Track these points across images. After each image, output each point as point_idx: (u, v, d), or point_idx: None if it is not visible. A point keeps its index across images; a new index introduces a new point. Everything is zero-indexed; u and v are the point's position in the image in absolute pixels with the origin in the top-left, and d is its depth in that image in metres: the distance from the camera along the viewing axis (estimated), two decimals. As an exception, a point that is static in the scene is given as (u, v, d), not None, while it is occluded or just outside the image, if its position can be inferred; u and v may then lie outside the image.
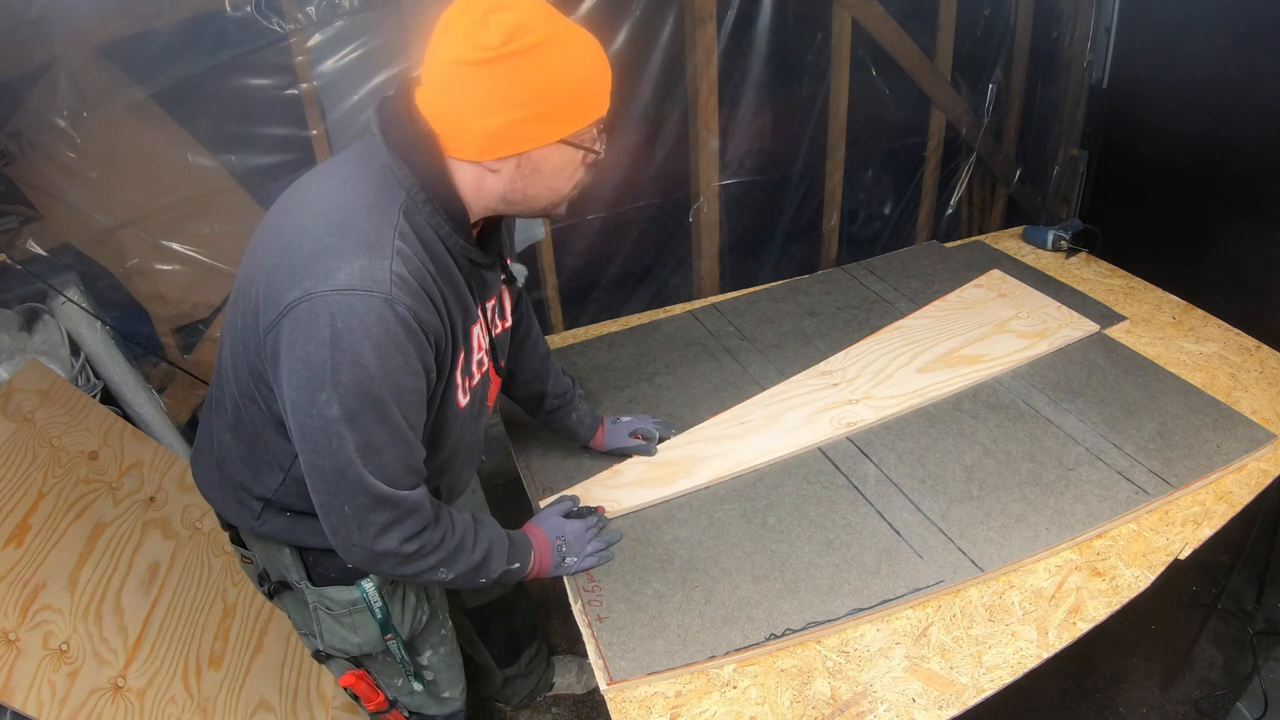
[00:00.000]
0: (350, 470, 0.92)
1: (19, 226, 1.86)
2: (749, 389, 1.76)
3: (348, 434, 0.90)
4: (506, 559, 1.18)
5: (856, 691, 1.14)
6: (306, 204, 0.96)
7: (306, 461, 0.95)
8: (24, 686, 1.28)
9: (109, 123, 1.86)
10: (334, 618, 1.21)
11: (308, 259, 0.89)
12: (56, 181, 1.86)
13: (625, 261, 2.65)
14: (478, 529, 1.14)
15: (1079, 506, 1.41)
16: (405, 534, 0.99)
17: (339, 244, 0.89)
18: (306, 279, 0.88)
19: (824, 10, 2.48)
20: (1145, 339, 1.90)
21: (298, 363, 0.88)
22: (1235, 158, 2.26)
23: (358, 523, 0.96)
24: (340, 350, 0.87)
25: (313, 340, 0.87)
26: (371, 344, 0.87)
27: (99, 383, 1.95)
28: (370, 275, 0.87)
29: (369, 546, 0.98)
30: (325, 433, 0.90)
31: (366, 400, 0.90)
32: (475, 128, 0.92)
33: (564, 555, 1.30)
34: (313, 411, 0.90)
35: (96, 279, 1.99)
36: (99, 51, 1.81)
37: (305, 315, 0.87)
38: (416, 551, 1.02)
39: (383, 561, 1.01)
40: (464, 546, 1.09)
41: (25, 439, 1.59)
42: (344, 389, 0.88)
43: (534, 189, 0.99)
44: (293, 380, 0.90)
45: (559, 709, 1.99)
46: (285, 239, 0.93)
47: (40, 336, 1.83)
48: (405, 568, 1.03)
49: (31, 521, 1.49)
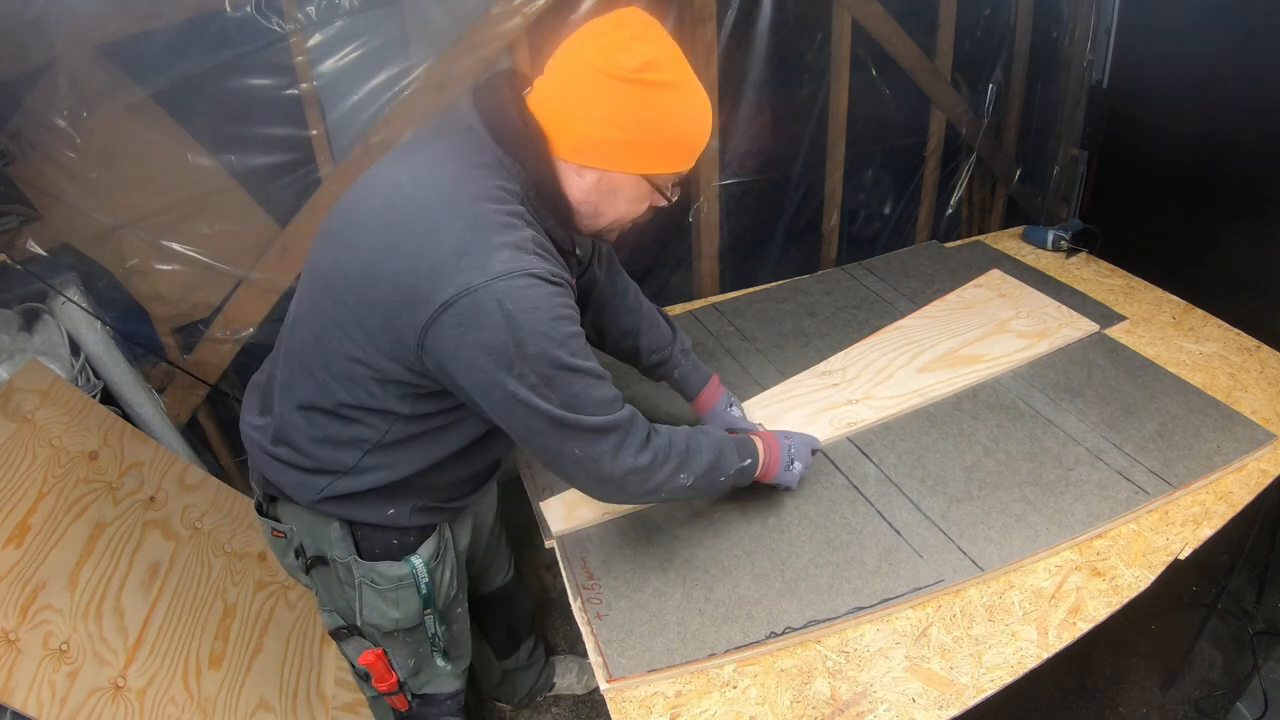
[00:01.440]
0: (567, 421, 1.01)
1: (19, 226, 1.86)
2: (749, 389, 1.76)
3: (552, 395, 0.99)
4: (738, 454, 1.24)
5: (856, 691, 1.14)
6: (424, 200, 1.00)
7: (519, 434, 1.04)
8: (24, 686, 1.28)
9: (109, 123, 1.86)
10: (378, 592, 1.23)
11: (454, 257, 0.94)
12: (56, 181, 1.86)
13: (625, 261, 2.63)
14: (696, 433, 1.20)
15: (1079, 506, 1.41)
16: (635, 448, 1.08)
17: (482, 238, 0.95)
18: (460, 275, 0.93)
19: (824, 10, 2.48)
20: (1145, 339, 1.90)
21: (477, 351, 0.95)
22: (1235, 158, 2.26)
23: (592, 458, 1.05)
24: (518, 328, 0.94)
25: (487, 328, 0.94)
26: (542, 315, 0.96)
27: (99, 383, 1.95)
28: (518, 259, 0.95)
29: (611, 473, 1.06)
30: (530, 404, 0.98)
31: (555, 364, 0.98)
32: (580, 130, 1.00)
33: (791, 458, 1.35)
34: (509, 390, 0.97)
35: (96, 279, 1.99)
36: (99, 51, 1.81)
37: (470, 308, 0.93)
38: (651, 462, 1.09)
39: (630, 482, 1.08)
40: (693, 449, 1.16)
41: (25, 439, 1.59)
42: (532, 361, 0.96)
43: (604, 207, 1.07)
44: (476, 368, 0.97)
45: (559, 709, 1.99)
46: (414, 240, 0.97)
47: (40, 336, 1.83)
48: (651, 480, 1.10)
49: (31, 521, 1.49)
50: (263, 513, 1.27)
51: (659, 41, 0.99)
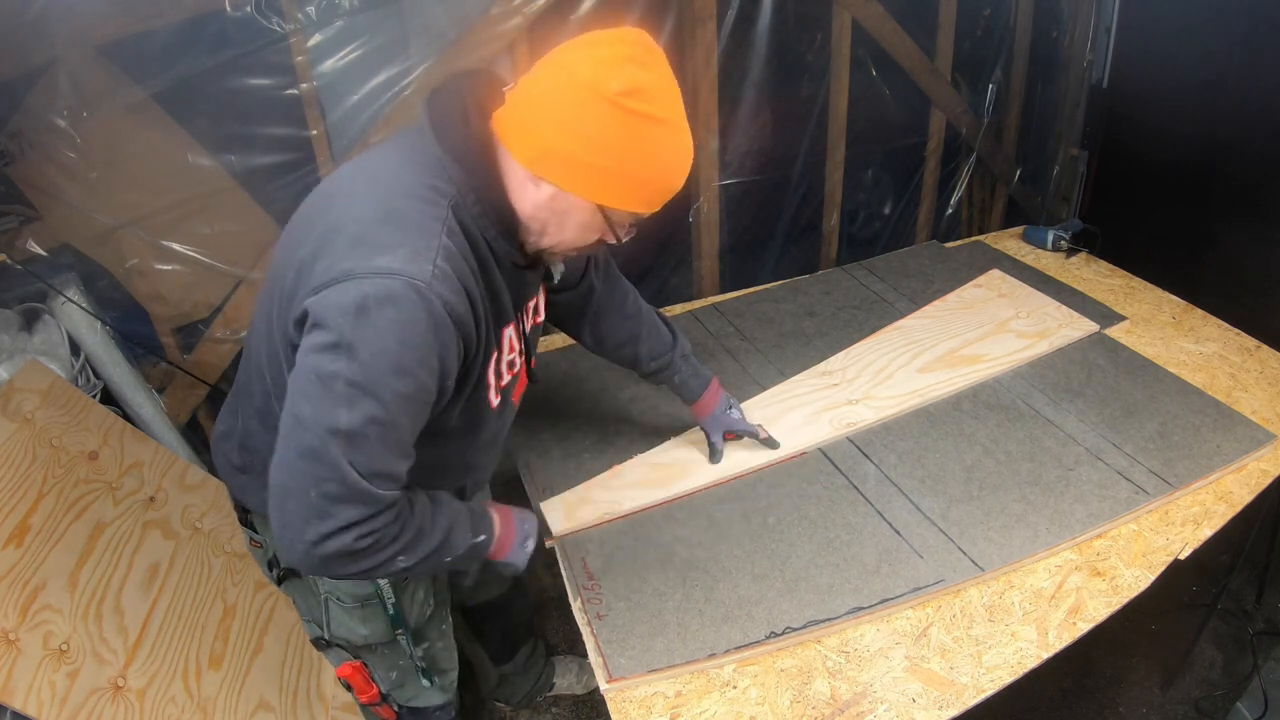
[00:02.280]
0: (329, 452, 0.86)
1: (19, 226, 1.86)
2: (749, 389, 1.76)
3: (344, 412, 0.85)
4: (471, 530, 1.08)
5: (856, 691, 1.14)
6: (352, 191, 0.95)
7: (287, 434, 0.89)
8: (24, 686, 1.28)
9: (109, 123, 1.86)
10: (344, 609, 1.20)
11: (349, 243, 0.88)
12: (56, 181, 1.86)
13: (625, 262, 2.63)
14: (435, 507, 1.04)
15: (1079, 506, 1.41)
16: (362, 531, 0.90)
17: (384, 231, 0.88)
18: (346, 261, 0.86)
19: (824, 10, 2.48)
20: (1145, 339, 1.90)
21: (319, 331, 0.86)
22: (1235, 158, 2.26)
23: (319, 513, 0.87)
24: (364, 324, 0.84)
25: (340, 312, 0.85)
26: (398, 327, 0.85)
27: (99, 383, 1.95)
28: (413, 264, 0.86)
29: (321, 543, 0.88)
30: (320, 403, 0.86)
31: (375, 383, 0.86)
32: (547, 137, 0.92)
33: (525, 535, 1.20)
34: (315, 378, 0.86)
35: (96, 279, 1.99)
36: (99, 51, 1.81)
37: (338, 292, 0.85)
38: (371, 545, 0.92)
39: (332, 562, 0.91)
40: (424, 531, 1.00)
41: (25, 439, 1.59)
42: (356, 364, 0.85)
43: (551, 227, 0.98)
44: (306, 347, 0.87)
45: (559, 709, 1.98)
46: (326, 225, 0.91)
47: (40, 336, 1.83)
48: (357, 565, 0.93)
49: (31, 521, 1.49)
50: (242, 522, 1.24)
51: (655, 70, 0.92)
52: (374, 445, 0.88)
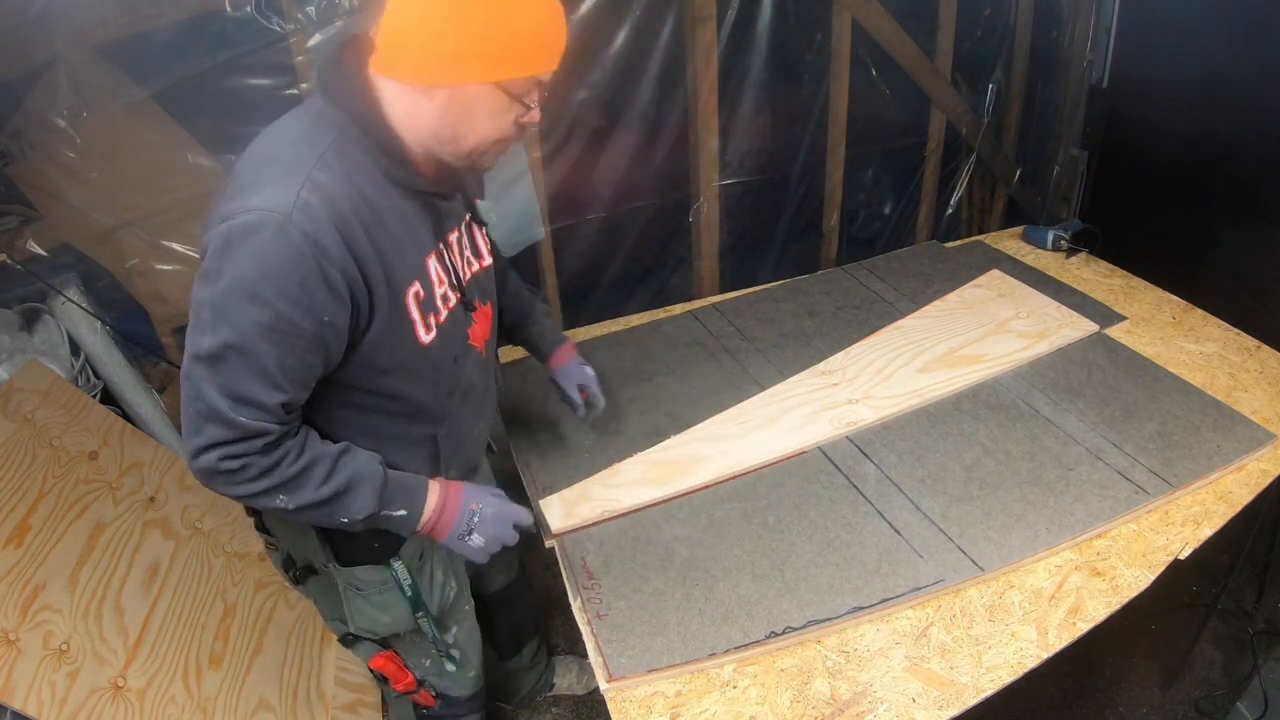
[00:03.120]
0: (195, 372, 0.92)
1: (19, 226, 1.86)
2: (749, 389, 1.76)
3: (206, 337, 0.91)
4: (378, 499, 1.05)
5: (856, 691, 1.14)
6: (246, 156, 1.00)
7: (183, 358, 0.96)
8: (24, 686, 1.28)
9: (109, 123, 1.86)
10: (363, 598, 1.21)
11: (231, 194, 0.93)
12: (56, 181, 1.86)
13: (625, 261, 2.65)
14: (338, 460, 1.03)
15: (1079, 506, 1.41)
16: (227, 453, 0.94)
17: (259, 176, 0.93)
18: (225, 207, 0.92)
19: (824, 10, 2.48)
20: (1145, 339, 1.90)
21: (199, 267, 0.93)
22: (1235, 158, 2.26)
23: (194, 428, 0.94)
24: (226, 258, 0.89)
25: (212, 248, 0.91)
26: (255, 258, 0.89)
27: (99, 383, 1.95)
28: (276, 199, 0.90)
29: (195, 456, 0.95)
30: (192, 330, 0.92)
31: (231, 309, 0.89)
32: (420, 48, 0.93)
33: (471, 528, 1.16)
34: (192, 307, 0.92)
35: (96, 279, 1.99)
36: (99, 51, 1.81)
37: (214, 234, 0.91)
38: (238, 469, 0.95)
39: (209, 478, 0.97)
40: (310, 477, 1.00)
41: (25, 439, 1.59)
42: (218, 292, 0.90)
43: (463, 128, 0.99)
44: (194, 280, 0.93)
45: (559, 709, 1.98)
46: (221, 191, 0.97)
47: (40, 336, 1.83)
48: (230, 487, 0.97)
49: (31, 521, 1.49)
50: (257, 526, 1.25)
51: None
52: (233, 370, 0.92)
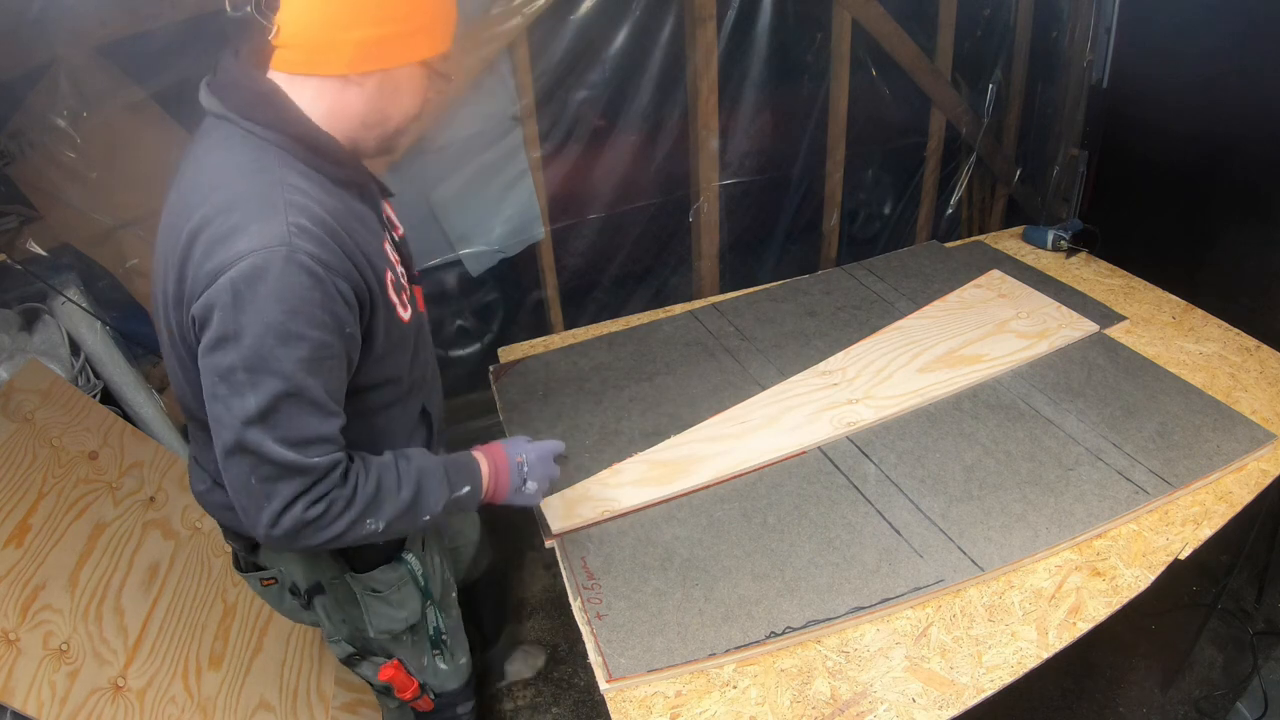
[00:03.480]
0: (250, 439, 0.89)
1: (19, 226, 1.86)
2: (749, 389, 1.76)
3: (250, 398, 0.87)
4: (448, 485, 1.08)
5: (856, 691, 1.14)
6: (187, 207, 0.94)
7: (216, 438, 0.92)
8: (24, 686, 1.28)
9: (109, 122, 1.86)
10: (381, 599, 1.22)
11: (207, 247, 0.88)
12: (56, 181, 1.86)
13: (625, 261, 2.65)
14: (399, 464, 1.04)
15: (1079, 506, 1.41)
16: (309, 501, 0.93)
17: (231, 220, 0.89)
18: (209, 262, 0.87)
19: (824, 10, 2.48)
20: (1145, 339, 1.90)
21: (206, 333, 0.88)
22: (1235, 158, 2.26)
23: (265, 496, 0.91)
24: (243, 311, 0.86)
25: (218, 308, 0.86)
26: (275, 299, 0.86)
27: (99, 383, 1.95)
28: (268, 234, 0.87)
29: (276, 523, 0.92)
30: (228, 399, 0.88)
31: (269, 359, 0.87)
32: (348, 38, 0.93)
33: (525, 478, 1.19)
34: (216, 377, 0.88)
35: (96, 279, 1.99)
36: (99, 51, 1.81)
37: (212, 293, 0.87)
38: (324, 513, 0.94)
39: (296, 537, 0.94)
40: (386, 489, 1.01)
41: (25, 439, 1.59)
42: (246, 350, 0.86)
43: (391, 109, 1.01)
44: (202, 351, 0.89)
45: (559, 709, 1.99)
46: (181, 248, 0.92)
47: (40, 336, 1.83)
48: (322, 533, 0.95)
49: (31, 521, 1.49)
50: (244, 568, 1.25)
51: None
52: (290, 417, 0.90)
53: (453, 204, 2.30)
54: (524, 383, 1.82)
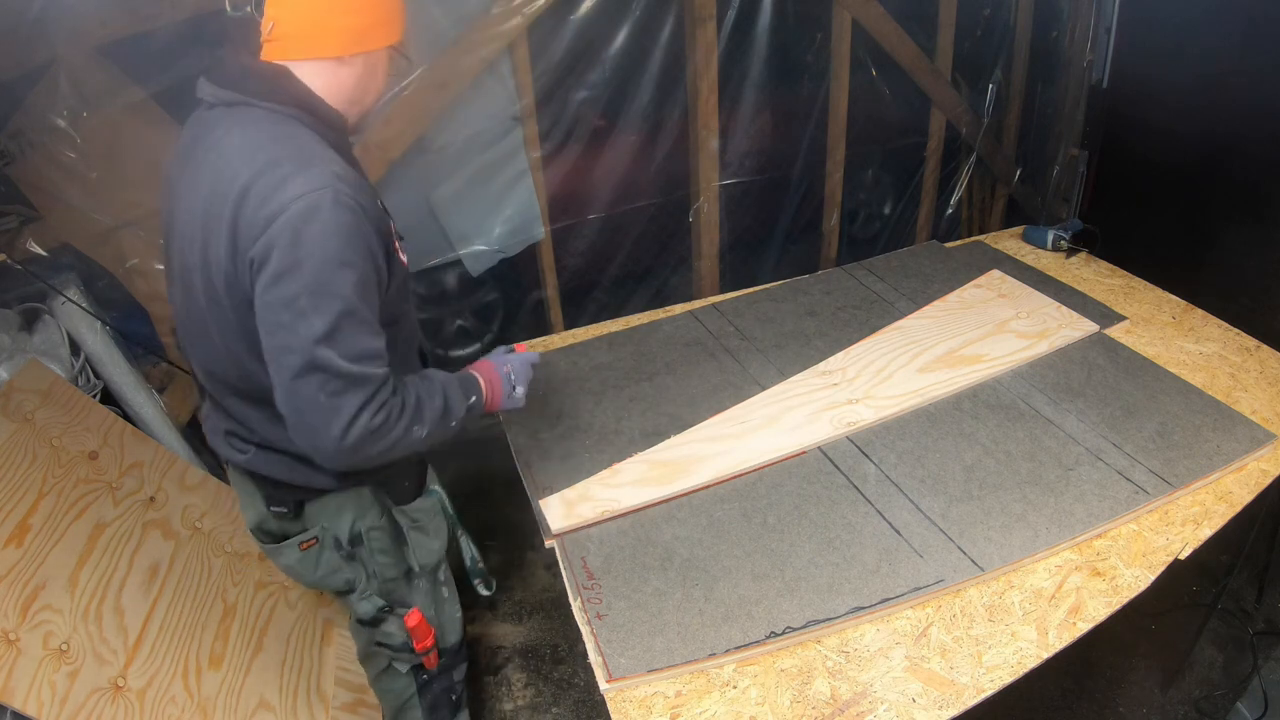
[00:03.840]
0: (320, 357, 1.00)
1: (19, 226, 1.86)
2: (749, 389, 1.76)
3: (316, 320, 0.99)
4: (463, 394, 1.23)
5: (856, 691, 1.14)
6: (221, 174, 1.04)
7: (280, 367, 1.01)
8: (24, 686, 1.28)
9: (109, 122, 1.86)
10: (420, 529, 1.36)
11: (260, 199, 0.99)
12: (56, 181, 1.86)
13: (625, 261, 2.65)
14: (427, 381, 1.19)
15: (1079, 506, 1.41)
16: (373, 413, 1.05)
17: (279, 173, 1.00)
18: (265, 209, 0.98)
19: (824, 10, 2.48)
20: (1145, 339, 1.90)
21: (266, 272, 0.99)
22: (1235, 158, 2.26)
23: (333, 410, 1.02)
24: (301, 246, 0.98)
25: (277, 247, 0.98)
26: (328, 233, 0.99)
27: (99, 383, 1.95)
28: (313, 180, 1.00)
29: (346, 434, 1.03)
30: (295, 325, 0.99)
31: (330, 284, 1.00)
32: (341, 24, 1.09)
33: (513, 384, 1.35)
34: (281, 308, 0.99)
35: (96, 279, 1.99)
36: (99, 51, 1.81)
37: (271, 235, 0.98)
38: (385, 420, 1.06)
39: (364, 448, 1.06)
40: (423, 399, 1.15)
41: (25, 439, 1.60)
42: (308, 277, 0.98)
43: (370, 86, 1.17)
44: (261, 290, 1.00)
45: (559, 709, 1.99)
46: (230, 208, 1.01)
47: (40, 336, 1.83)
48: (383, 441, 1.07)
49: (31, 521, 1.49)
50: (280, 539, 1.31)
51: None
52: (352, 334, 1.02)
53: (453, 204, 2.30)
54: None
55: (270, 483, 1.25)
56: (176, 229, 1.12)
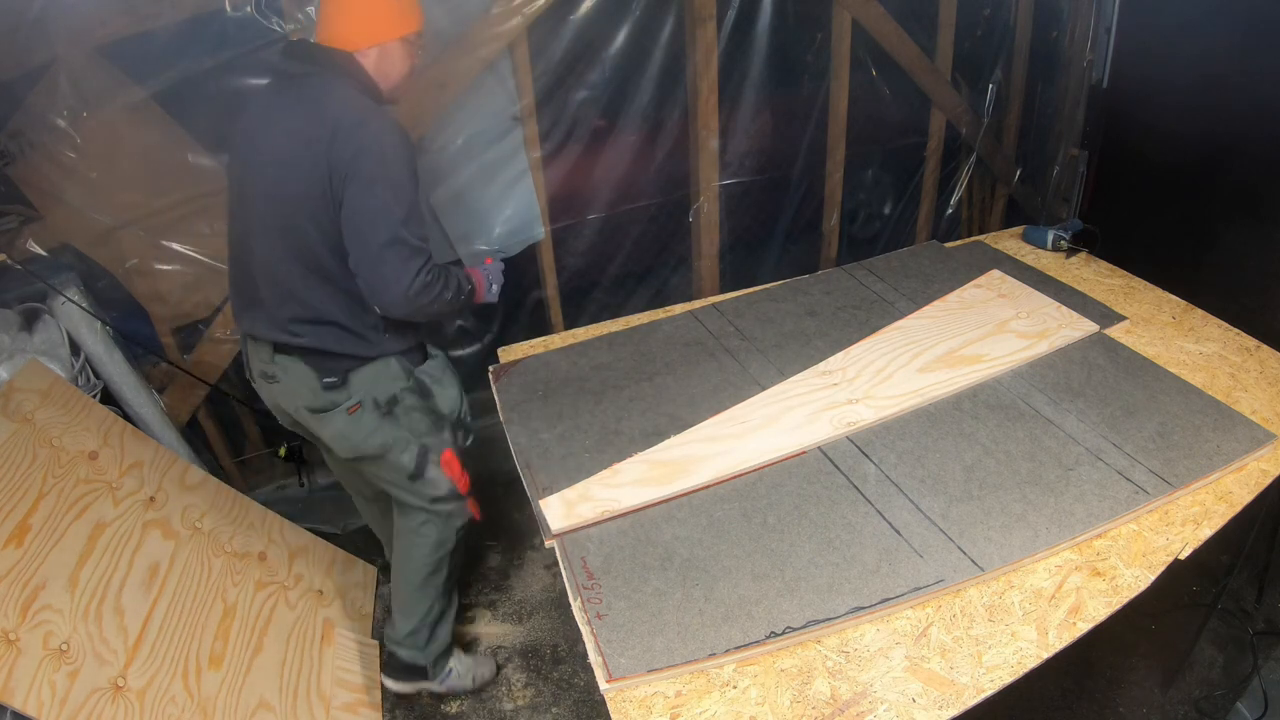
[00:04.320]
0: (401, 232, 1.43)
1: (19, 226, 1.87)
2: (749, 389, 1.76)
3: (397, 210, 1.42)
4: (467, 281, 1.65)
5: (856, 691, 1.14)
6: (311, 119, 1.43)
7: (367, 241, 1.43)
8: (24, 686, 1.28)
9: (109, 122, 1.86)
10: (438, 384, 1.70)
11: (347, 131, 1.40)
12: (56, 181, 1.86)
13: (625, 261, 2.65)
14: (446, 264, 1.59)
15: (1079, 506, 1.41)
16: (428, 273, 1.48)
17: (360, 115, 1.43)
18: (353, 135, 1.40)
19: (824, 10, 2.48)
20: (1145, 339, 1.90)
21: (359, 182, 1.40)
22: (1235, 158, 2.26)
23: (404, 270, 1.45)
24: (384, 162, 1.41)
25: (367, 164, 1.40)
26: (399, 153, 1.44)
27: (99, 383, 1.95)
28: (383, 117, 1.45)
29: (410, 286, 1.46)
30: (384, 212, 1.42)
31: (403, 179, 1.44)
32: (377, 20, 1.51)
33: (490, 283, 1.77)
34: (373, 204, 1.41)
35: (96, 279, 1.99)
36: (99, 51, 1.81)
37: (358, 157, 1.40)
38: (434, 278, 1.49)
39: (423, 295, 1.48)
40: (450, 274, 1.56)
41: (25, 439, 1.60)
42: (391, 181, 1.42)
43: (402, 66, 1.57)
44: (354, 192, 1.41)
45: (559, 709, 1.98)
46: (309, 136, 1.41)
47: (40, 336, 1.83)
48: (429, 294, 1.49)
49: (31, 521, 1.49)
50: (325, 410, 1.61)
51: None
52: (417, 220, 1.47)
53: (453, 204, 2.31)
54: (524, 383, 1.82)
55: (323, 355, 1.56)
56: (258, 161, 1.49)
